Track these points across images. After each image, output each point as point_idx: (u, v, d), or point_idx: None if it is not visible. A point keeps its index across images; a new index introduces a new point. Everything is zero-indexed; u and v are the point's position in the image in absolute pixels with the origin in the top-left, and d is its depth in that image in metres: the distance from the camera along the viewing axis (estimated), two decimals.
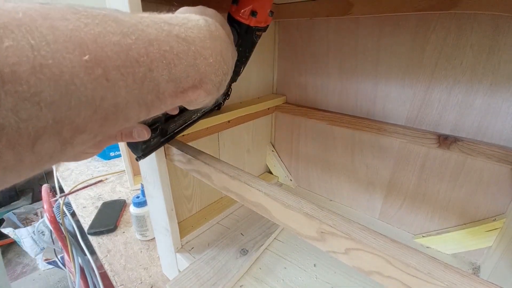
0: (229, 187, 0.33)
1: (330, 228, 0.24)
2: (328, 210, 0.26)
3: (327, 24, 0.58)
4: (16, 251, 1.80)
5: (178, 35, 0.20)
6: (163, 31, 0.18)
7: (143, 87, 0.17)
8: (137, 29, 0.16)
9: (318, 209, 0.26)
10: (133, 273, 0.60)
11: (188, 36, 0.20)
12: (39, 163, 0.13)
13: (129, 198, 0.87)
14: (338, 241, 0.23)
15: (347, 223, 0.24)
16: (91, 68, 0.13)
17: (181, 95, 0.20)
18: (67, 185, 0.96)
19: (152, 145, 0.38)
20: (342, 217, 0.25)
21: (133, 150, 0.38)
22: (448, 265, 0.20)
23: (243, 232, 0.57)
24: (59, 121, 0.13)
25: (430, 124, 0.51)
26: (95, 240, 0.70)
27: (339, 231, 0.23)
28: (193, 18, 0.22)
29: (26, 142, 0.12)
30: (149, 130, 0.31)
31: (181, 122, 0.42)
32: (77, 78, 0.13)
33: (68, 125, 0.13)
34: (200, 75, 0.21)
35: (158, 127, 0.36)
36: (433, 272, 0.20)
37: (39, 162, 0.13)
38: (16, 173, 0.13)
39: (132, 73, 0.16)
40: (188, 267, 0.49)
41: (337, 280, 0.49)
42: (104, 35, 0.14)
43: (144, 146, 0.36)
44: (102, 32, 0.14)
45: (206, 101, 0.25)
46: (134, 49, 0.16)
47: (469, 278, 0.19)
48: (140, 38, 0.16)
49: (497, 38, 0.41)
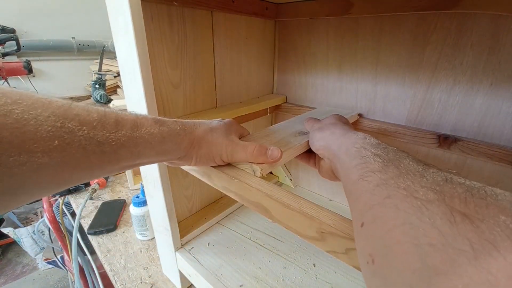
0: (229, 187, 0.33)
1: (330, 228, 0.24)
2: (328, 210, 0.26)
3: (327, 24, 0.58)
4: (16, 251, 1.80)
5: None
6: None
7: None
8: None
9: (318, 209, 0.26)
10: (133, 272, 0.60)
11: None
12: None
13: (129, 198, 0.87)
14: (338, 241, 0.23)
15: (347, 223, 0.24)
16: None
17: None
18: None
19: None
20: (342, 217, 0.25)
21: None
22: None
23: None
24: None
25: (430, 124, 0.51)
26: (95, 239, 0.70)
27: (339, 231, 0.23)
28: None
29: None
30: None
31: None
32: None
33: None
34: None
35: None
36: None
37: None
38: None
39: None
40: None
41: (337, 280, 0.49)
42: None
43: None
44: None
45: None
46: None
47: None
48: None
49: (497, 38, 0.41)
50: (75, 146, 0.20)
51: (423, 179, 0.17)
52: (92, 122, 0.21)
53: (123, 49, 0.37)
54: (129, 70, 0.37)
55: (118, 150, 0.23)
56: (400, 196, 0.16)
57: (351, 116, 0.56)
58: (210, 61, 0.54)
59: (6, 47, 1.42)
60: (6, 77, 1.41)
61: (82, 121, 0.20)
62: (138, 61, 0.35)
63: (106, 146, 0.22)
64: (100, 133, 0.21)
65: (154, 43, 0.42)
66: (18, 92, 0.18)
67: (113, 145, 0.23)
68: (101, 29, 1.92)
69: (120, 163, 0.25)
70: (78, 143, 0.20)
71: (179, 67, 0.48)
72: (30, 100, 0.18)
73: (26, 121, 0.17)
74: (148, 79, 0.37)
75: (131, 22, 0.33)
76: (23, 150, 0.17)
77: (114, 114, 0.24)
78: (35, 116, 0.18)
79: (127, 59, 0.37)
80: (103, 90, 1.24)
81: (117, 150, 0.23)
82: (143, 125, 0.26)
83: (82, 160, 0.21)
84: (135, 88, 0.38)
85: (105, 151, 0.22)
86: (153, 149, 0.27)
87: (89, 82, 1.70)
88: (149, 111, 0.38)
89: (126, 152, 0.24)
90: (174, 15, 0.44)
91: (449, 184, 0.16)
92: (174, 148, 0.29)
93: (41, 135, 0.18)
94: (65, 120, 0.19)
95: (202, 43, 0.51)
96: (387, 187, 0.18)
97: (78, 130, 0.20)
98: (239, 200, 0.33)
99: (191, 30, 0.48)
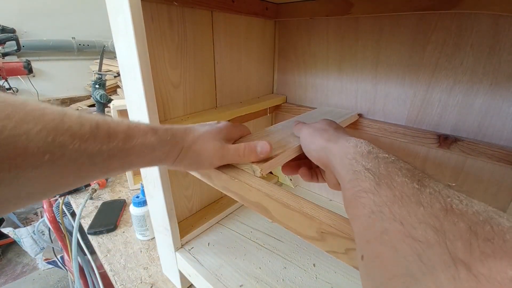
0: (229, 187, 0.33)
1: (330, 228, 0.24)
2: (328, 210, 0.26)
3: (327, 24, 0.58)
4: (16, 251, 1.80)
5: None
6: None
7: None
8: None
9: (318, 209, 0.26)
10: (133, 272, 0.60)
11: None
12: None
13: (129, 198, 0.87)
14: (338, 241, 0.23)
15: (347, 223, 0.24)
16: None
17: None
18: None
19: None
20: (342, 217, 0.25)
21: None
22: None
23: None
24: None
25: (430, 124, 0.51)
26: (95, 239, 0.70)
27: (339, 231, 0.23)
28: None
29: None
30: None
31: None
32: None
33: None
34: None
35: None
36: None
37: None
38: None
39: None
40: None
41: (337, 280, 0.49)
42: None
43: None
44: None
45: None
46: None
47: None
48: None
49: (497, 38, 0.41)
50: (65, 159, 0.20)
51: (419, 208, 0.16)
52: (84, 135, 0.21)
53: (123, 49, 0.37)
54: (129, 70, 0.37)
55: (108, 161, 0.23)
56: (398, 234, 0.16)
57: (351, 116, 0.56)
58: (210, 61, 0.54)
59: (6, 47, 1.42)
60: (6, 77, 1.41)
61: (74, 134, 0.20)
62: (138, 61, 0.35)
63: (97, 158, 0.22)
64: (91, 145, 0.21)
65: (154, 43, 0.42)
66: (11, 103, 0.17)
67: (104, 157, 0.23)
68: (101, 29, 1.92)
69: (109, 173, 0.25)
70: (69, 156, 0.20)
71: (179, 67, 0.48)
72: (22, 113, 0.18)
73: (18, 137, 0.17)
74: (148, 79, 0.37)
75: (131, 22, 0.33)
76: (12, 166, 0.17)
77: (107, 125, 0.23)
78: (26, 131, 0.17)
79: (127, 59, 0.37)
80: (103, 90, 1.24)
81: (108, 161, 0.23)
82: (135, 135, 0.26)
83: (71, 172, 0.21)
84: (135, 88, 0.38)
85: (96, 162, 0.22)
86: (144, 158, 0.27)
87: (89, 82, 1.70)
88: (149, 111, 0.38)
89: (116, 162, 0.24)
90: (174, 15, 0.44)
91: (450, 217, 0.15)
92: (164, 157, 0.29)
93: (31, 151, 0.17)
94: (56, 134, 0.19)
95: (202, 43, 0.51)
96: (382, 217, 0.17)
97: (69, 143, 0.20)
98: (239, 200, 0.33)
99: (191, 30, 0.48)
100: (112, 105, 0.81)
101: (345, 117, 0.55)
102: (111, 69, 1.55)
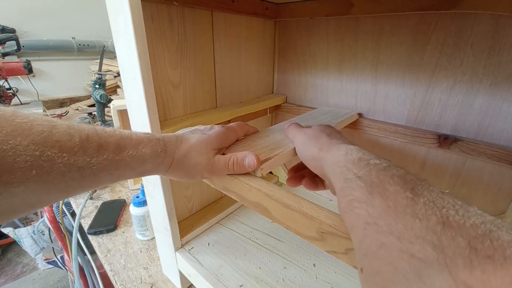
0: (229, 187, 0.33)
1: (330, 228, 0.24)
2: (328, 210, 0.26)
3: (327, 24, 0.58)
4: (16, 251, 1.80)
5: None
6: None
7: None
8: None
9: (318, 209, 0.26)
10: (133, 272, 0.60)
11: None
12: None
13: (129, 198, 0.86)
14: (338, 241, 0.23)
15: None
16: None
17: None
18: None
19: None
20: None
21: None
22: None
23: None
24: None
25: (430, 124, 0.51)
26: (95, 239, 0.70)
27: (339, 231, 0.23)
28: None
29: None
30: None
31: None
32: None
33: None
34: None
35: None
36: None
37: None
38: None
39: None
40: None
41: (337, 280, 0.49)
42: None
43: None
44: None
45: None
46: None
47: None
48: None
49: (497, 38, 0.41)
50: (53, 174, 0.19)
51: (415, 221, 0.16)
52: (73, 148, 0.21)
53: (123, 49, 0.37)
54: (129, 70, 0.37)
55: (98, 174, 0.23)
56: (395, 250, 0.15)
57: (351, 115, 0.56)
58: (210, 61, 0.54)
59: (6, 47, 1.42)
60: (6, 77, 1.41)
61: (62, 147, 0.20)
62: (138, 61, 0.35)
63: (86, 171, 0.22)
64: (80, 158, 0.21)
65: (154, 43, 0.42)
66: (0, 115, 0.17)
67: (93, 170, 0.22)
68: (101, 29, 1.92)
69: (100, 184, 0.25)
70: (57, 170, 0.20)
71: (179, 67, 0.48)
72: (10, 127, 0.17)
73: (5, 152, 0.17)
74: (148, 79, 0.37)
75: (131, 22, 0.33)
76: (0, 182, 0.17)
77: (98, 136, 0.23)
78: (13, 146, 0.17)
79: (127, 59, 0.37)
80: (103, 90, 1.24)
81: (97, 173, 0.23)
82: (126, 147, 0.25)
83: (59, 186, 0.21)
84: (135, 88, 0.38)
85: (85, 175, 0.22)
86: (134, 170, 0.27)
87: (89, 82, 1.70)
88: (149, 111, 0.38)
89: (106, 175, 0.24)
90: (174, 15, 0.44)
91: (447, 231, 0.14)
92: (154, 168, 0.29)
93: (19, 166, 0.17)
94: (45, 148, 0.19)
95: (202, 43, 0.51)
96: (377, 230, 0.17)
97: (58, 157, 0.19)
98: (239, 200, 0.33)
99: (191, 30, 0.48)
100: (112, 105, 0.81)
101: (345, 117, 0.55)
102: (111, 69, 1.55)
